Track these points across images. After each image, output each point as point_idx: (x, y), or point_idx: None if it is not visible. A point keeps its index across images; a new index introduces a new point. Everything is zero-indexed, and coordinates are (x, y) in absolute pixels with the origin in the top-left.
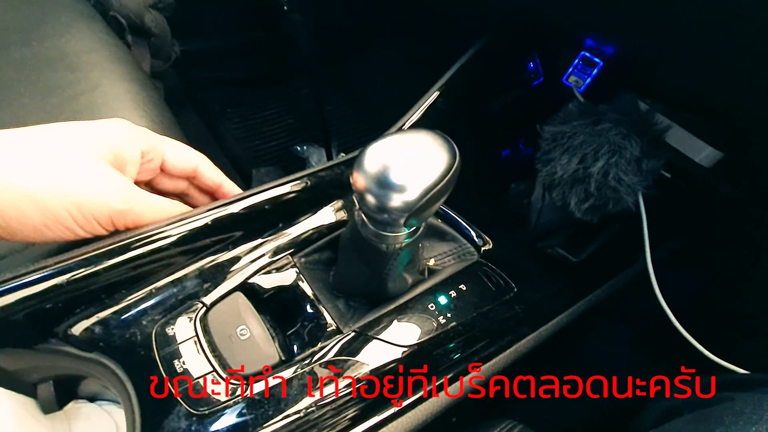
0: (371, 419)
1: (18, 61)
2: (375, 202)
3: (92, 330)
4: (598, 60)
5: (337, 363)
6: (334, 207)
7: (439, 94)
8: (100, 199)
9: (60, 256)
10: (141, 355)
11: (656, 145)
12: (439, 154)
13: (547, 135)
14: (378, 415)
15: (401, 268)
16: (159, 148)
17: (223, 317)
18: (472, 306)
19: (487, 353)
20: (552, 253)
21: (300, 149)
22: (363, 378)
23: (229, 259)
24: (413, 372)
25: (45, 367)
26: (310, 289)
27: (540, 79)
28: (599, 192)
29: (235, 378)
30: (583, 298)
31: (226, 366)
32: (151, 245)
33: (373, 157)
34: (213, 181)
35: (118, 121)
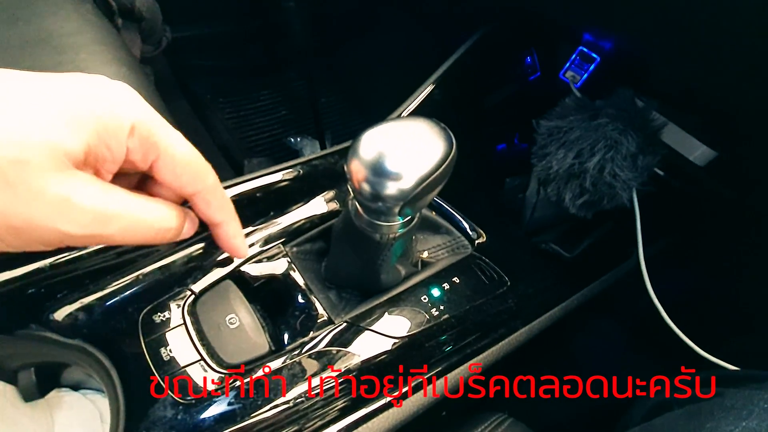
0: (361, 410)
1: (3, 41)
2: (370, 190)
3: (75, 316)
4: (596, 56)
5: (328, 354)
6: (327, 197)
7: (434, 86)
8: (46, 224)
9: None
10: (126, 343)
11: (652, 142)
12: (436, 142)
13: (544, 129)
14: (368, 407)
15: (395, 260)
16: (156, 146)
17: (212, 305)
18: (466, 299)
19: (480, 345)
20: (545, 248)
21: (293, 141)
22: (354, 369)
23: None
24: (405, 364)
25: (26, 354)
26: (302, 279)
27: (537, 74)
28: (594, 187)
29: (224, 367)
30: (575, 293)
31: (214, 355)
32: None
33: (369, 144)
34: (210, 219)
35: (112, 87)
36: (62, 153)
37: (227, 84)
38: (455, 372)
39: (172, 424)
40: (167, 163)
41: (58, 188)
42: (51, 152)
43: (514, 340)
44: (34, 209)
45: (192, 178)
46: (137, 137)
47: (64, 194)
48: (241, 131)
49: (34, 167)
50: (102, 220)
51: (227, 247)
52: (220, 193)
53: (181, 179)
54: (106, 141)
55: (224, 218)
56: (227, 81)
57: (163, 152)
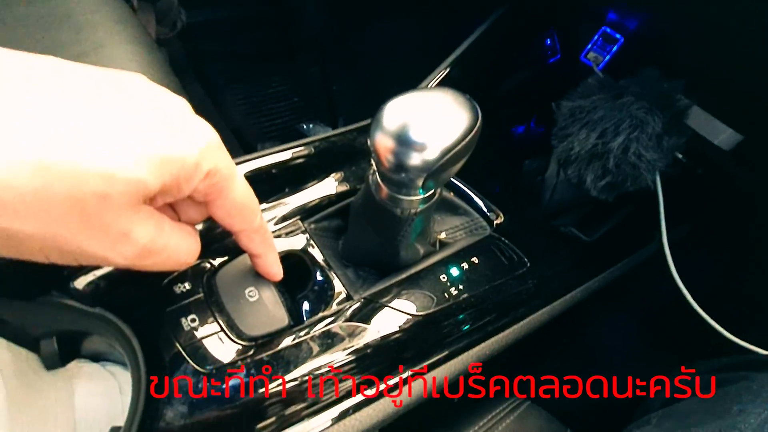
0: (379, 386)
1: (23, 19)
2: (393, 161)
3: (96, 284)
4: (619, 36)
5: (347, 329)
6: (344, 174)
7: (450, 68)
8: (95, 252)
9: None
10: (146, 312)
11: (678, 122)
12: (461, 112)
13: (565, 110)
14: (386, 382)
15: (414, 237)
16: (220, 191)
17: (231, 278)
18: (485, 279)
19: (500, 324)
20: (565, 231)
21: (306, 127)
22: (373, 344)
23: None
24: (424, 341)
25: (47, 321)
26: (321, 255)
27: (557, 57)
28: (618, 168)
29: (243, 339)
30: (596, 276)
31: (234, 327)
32: None
33: (393, 114)
34: (251, 251)
35: (202, 131)
36: (142, 192)
37: (241, 69)
38: (475, 350)
39: (192, 394)
40: (224, 204)
41: (124, 224)
42: (133, 190)
43: (535, 320)
44: (93, 239)
45: (242, 219)
46: (208, 181)
47: (125, 230)
48: (254, 117)
49: (113, 202)
50: (145, 254)
51: (263, 272)
52: (263, 231)
53: (233, 219)
54: (180, 183)
55: (264, 251)
56: (241, 66)
57: (224, 196)
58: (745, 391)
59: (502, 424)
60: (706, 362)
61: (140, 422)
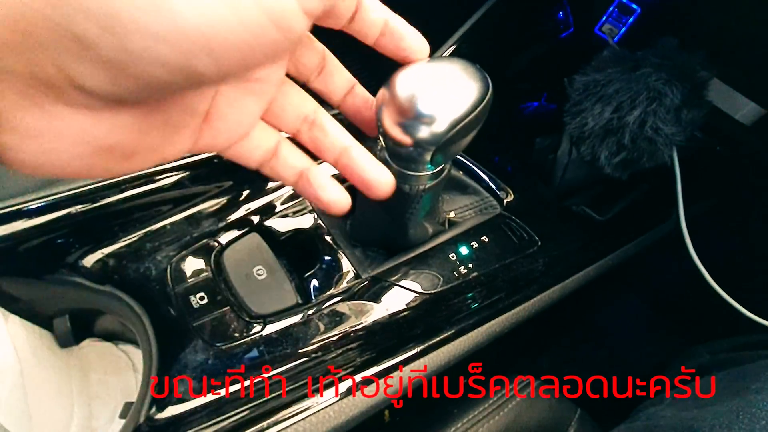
0: (387, 361)
1: None
2: (401, 134)
3: (105, 262)
4: (636, 6)
5: (355, 307)
6: None
7: (457, 45)
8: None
9: (69, 184)
10: (156, 290)
11: (698, 95)
12: (471, 83)
13: (579, 85)
14: (395, 358)
15: (423, 214)
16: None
17: (239, 256)
18: (495, 257)
19: (510, 302)
20: (577, 210)
21: None
22: (381, 322)
23: (244, 199)
24: (433, 319)
25: (59, 299)
26: (329, 234)
27: (570, 30)
28: (633, 144)
29: (252, 317)
30: (608, 255)
31: (242, 304)
32: (165, 180)
33: (400, 86)
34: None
35: None
36: None
37: None
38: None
39: (202, 369)
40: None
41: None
42: None
43: (545, 298)
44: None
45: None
46: None
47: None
48: None
49: None
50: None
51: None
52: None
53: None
54: None
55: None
56: None
57: None
58: (763, 369)
59: (510, 404)
60: (722, 341)
61: (152, 397)
